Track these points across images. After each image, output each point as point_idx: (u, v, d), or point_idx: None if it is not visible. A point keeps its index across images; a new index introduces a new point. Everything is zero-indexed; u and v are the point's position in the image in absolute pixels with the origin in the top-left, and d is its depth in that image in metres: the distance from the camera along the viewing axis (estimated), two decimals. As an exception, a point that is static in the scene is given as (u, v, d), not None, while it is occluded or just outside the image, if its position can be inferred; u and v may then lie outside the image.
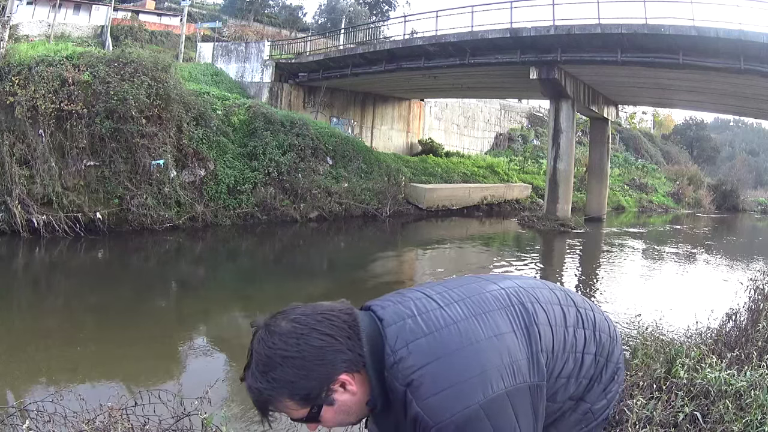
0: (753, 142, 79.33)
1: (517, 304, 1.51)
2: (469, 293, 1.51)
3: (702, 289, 10.47)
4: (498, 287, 1.56)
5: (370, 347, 1.36)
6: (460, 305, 1.46)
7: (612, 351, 1.64)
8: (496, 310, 1.47)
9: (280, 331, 1.32)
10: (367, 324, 1.40)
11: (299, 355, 1.29)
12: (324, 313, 1.36)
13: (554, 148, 20.17)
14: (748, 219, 35.50)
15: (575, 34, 17.08)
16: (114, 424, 2.85)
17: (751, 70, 15.20)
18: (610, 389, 1.64)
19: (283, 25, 43.85)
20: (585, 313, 1.63)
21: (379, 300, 1.52)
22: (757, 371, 3.09)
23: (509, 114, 40.00)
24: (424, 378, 1.31)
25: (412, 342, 1.35)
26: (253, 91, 24.55)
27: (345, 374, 1.33)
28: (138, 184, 13.93)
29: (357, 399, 1.37)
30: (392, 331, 1.38)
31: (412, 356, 1.33)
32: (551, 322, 1.53)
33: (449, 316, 1.42)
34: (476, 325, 1.41)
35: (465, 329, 1.40)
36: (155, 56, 16.06)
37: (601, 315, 1.68)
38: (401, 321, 1.40)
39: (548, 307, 1.56)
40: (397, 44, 21.44)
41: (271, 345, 1.31)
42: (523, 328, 1.47)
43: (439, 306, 1.45)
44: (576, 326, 1.58)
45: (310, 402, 1.33)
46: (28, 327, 7.19)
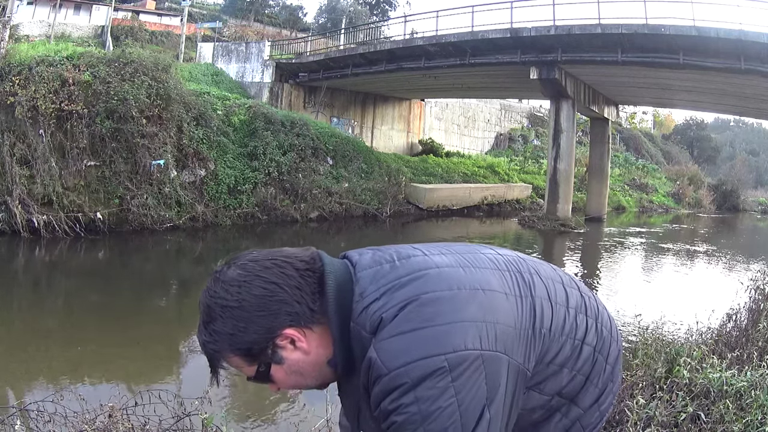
0: (753, 142, 79.29)
1: (515, 272, 1.31)
2: (459, 251, 1.33)
3: (702, 289, 10.46)
4: (494, 252, 1.38)
5: (337, 295, 1.19)
6: (447, 256, 1.27)
7: (610, 350, 1.41)
8: (488, 269, 1.28)
9: (224, 279, 1.17)
10: (337, 271, 1.22)
11: (238, 305, 1.14)
12: (276, 259, 1.19)
13: (555, 148, 20.17)
14: (749, 219, 35.49)
15: (575, 34, 17.08)
16: (114, 424, 2.85)
17: (752, 70, 15.19)
18: (604, 400, 1.40)
19: (283, 25, 43.83)
20: (588, 301, 1.41)
21: (361, 249, 1.35)
22: (758, 371, 3.09)
23: (510, 114, 40.00)
24: (389, 318, 1.13)
25: (384, 286, 1.18)
26: (253, 91, 24.55)
27: (292, 329, 1.16)
28: (138, 184, 13.93)
29: (311, 359, 1.20)
30: (366, 275, 1.21)
31: (383, 298, 1.16)
32: (551, 298, 1.32)
33: (433, 262, 1.23)
34: (462, 274, 1.22)
35: (448, 274, 1.21)
36: (155, 56, 16.07)
37: (604, 308, 1.46)
38: (378, 266, 1.23)
39: (549, 282, 1.35)
40: (398, 44, 21.44)
41: (212, 294, 1.17)
42: (517, 294, 1.26)
43: (424, 254, 1.27)
44: (578, 310, 1.36)
45: (255, 358, 1.18)
46: (29, 327, 7.19)
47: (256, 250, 1.25)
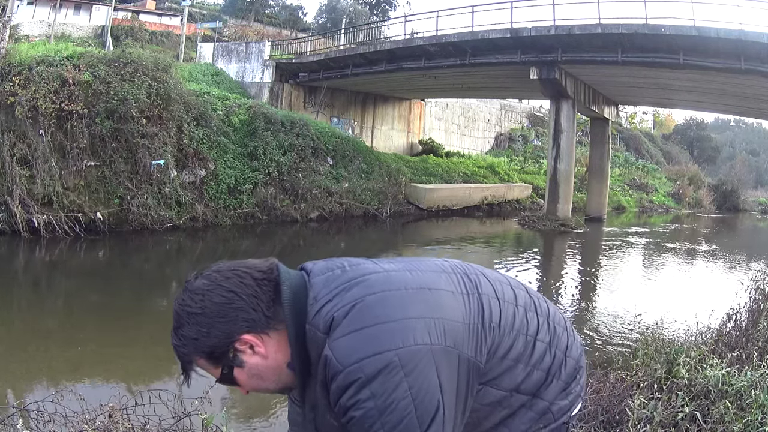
0: (753, 142, 79.27)
1: (461, 274, 1.40)
2: (406, 260, 1.43)
3: (702, 289, 10.46)
4: (440, 260, 1.46)
5: (292, 301, 1.27)
6: (395, 264, 1.37)
7: (571, 346, 1.47)
8: (434, 272, 1.37)
9: (191, 288, 1.27)
10: (292, 279, 1.31)
11: (201, 312, 1.23)
12: (236, 269, 1.28)
13: (555, 148, 20.17)
14: (749, 219, 35.49)
15: (576, 34, 17.08)
16: (114, 424, 2.85)
17: (752, 70, 15.19)
18: (572, 389, 1.46)
19: (283, 25, 43.81)
20: (538, 301, 1.49)
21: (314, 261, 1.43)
22: (758, 371, 3.10)
23: (510, 114, 40.00)
24: (341, 318, 1.21)
25: (335, 288, 1.26)
26: (253, 91, 24.55)
27: (249, 334, 1.24)
28: (138, 184, 13.93)
29: (270, 364, 1.28)
30: (318, 280, 1.30)
31: (335, 299, 1.24)
32: (499, 296, 1.40)
33: (381, 267, 1.34)
34: (408, 276, 1.31)
35: (395, 276, 1.30)
36: (156, 56, 16.07)
37: (555, 308, 1.54)
38: (329, 272, 1.32)
39: (496, 283, 1.43)
40: (398, 44, 21.44)
41: (181, 302, 1.27)
42: (464, 293, 1.34)
43: (373, 262, 1.38)
44: (527, 308, 1.43)
45: (219, 361, 1.27)
46: (29, 327, 7.19)
47: (223, 261, 1.34)
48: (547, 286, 11.47)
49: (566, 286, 11.92)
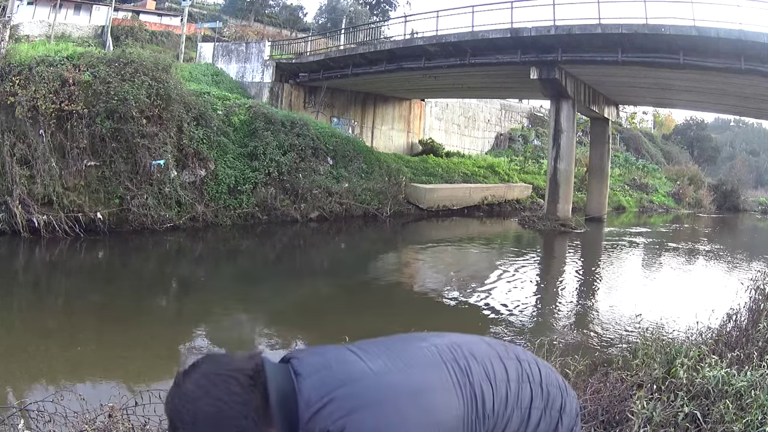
0: (753, 142, 79.24)
1: (450, 361, 1.42)
2: (395, 349, 1.42)
3: (702, 289, 10.46)
4: (427, 344, 1.47)
5: (281, 404, 1.28)
6: (383, 359, 1.37)
7: (565, 404, 1.54)
8: (423, 366, 1.38)
9: (181, 393, 1.30)
10: (280, 380, 1.32)
11: (193, 421, 1.26)
12: (223, 375, 1.29)
13: (555, 148, 20.17)
14: (749, 219, 35.48)
15: (576, 34, 17.07)
16: (115, 424, 2.85)
17: (752, 70, 15.18)
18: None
19: (283, 25, 43.81)
20: (529, 367, 1.54)
21: (300, 351, 1.45)
22: (758, 371, 3.09)
23: (510, 114, 39.99)
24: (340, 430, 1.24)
25: (327, 395, 1.28)
26: (253, 91, 24.55)
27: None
28: (138, 184, 13.93)
29: None
30: (307, 384, 1.31)
31: (326, 409, 1.26)
32: (490, 378, 1.44)
33: (369, 368, 1.34)
34: (400, 377, 1.33)
35: (386, 382, 1.31)
36: (156, 56, 16.07)
37: (546, 368, 1.60)
38: (316, 374, 1.32)
39: (486, 361, 1.46)
40: (398, 44, 21.43)
41: (172, 407, 1.31)
42: (456, 385, 1.37)
43: (360, 359, 1.37)
44: (520, 381, 1.49)
45: None
46: (29, 327, 7.19)
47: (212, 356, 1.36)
48: (548, 287, 11.48)
49: (566, 286, 11.92)
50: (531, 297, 10.24)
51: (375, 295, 9.92)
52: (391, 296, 10.02)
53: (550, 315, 8.80)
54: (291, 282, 10.72)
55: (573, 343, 6.56)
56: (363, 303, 9.29)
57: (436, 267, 13.67)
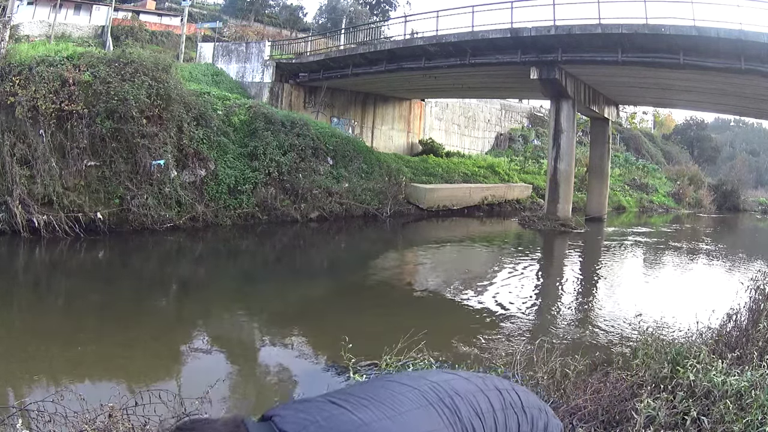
0: (753, 142, 79.25)
1: (436, 402, 1.41)
2: (380, 397, 1.39)
3: (703, 289, 10.46)
4: (410, 387, 1.45)
5: None
6: (370, 408, 1.34)
7: (547, 424, 1.57)
8: (413, 410, 1.36)
9: None
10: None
11: None
12: None
13: (555, 148, 20.16)
14: (749, 219, 35.48)
15: (576, 34, 17.07)
16: (115, 424, 2.85)
17: (752, 70, 15.18)
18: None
19: (283, 25, 43.81)
20: (509, 395, 1.55)
21: (281, 408, 1.40)
22: (758, 371, 3.09)
23: (510, 114, 39.99)
24: None
25: None
26: (253, 91, 24.54)
27: None
28: (138, 184, 13.93)
29: None
30: None
31: None
32: (477, 412, 1.44)
33: (359, 419, 1.30)
34: (390, 426, 1.30)
35: (379, 430, 1.28)
36: (156, 56, 16.07)
37: (525, 392, 1.62)
38: (303, 430, 1.28)
39: (470, 397, 1.47)
40: (398, 44, 21.43)
41: None
42: (447, 425, 1.37)
43: (347, 410, 1.33)
44: (504, 409, 1.50)
45: None
46: (29, 327, 7.19)
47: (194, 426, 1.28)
48: (548, 287, 11.48)
49: (566, 286, 11.92)
50: (531, 297, 10.23)
51: (375, 295, 9.92)
52: (392, 296, 10.02)
53: (551, 315, 8.80)
54: (291, 282, 10.71)
55: (573, 343, 6.56)
56: (363, 303, 9.28)
57: (436, 267, 13.67)
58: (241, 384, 5.61)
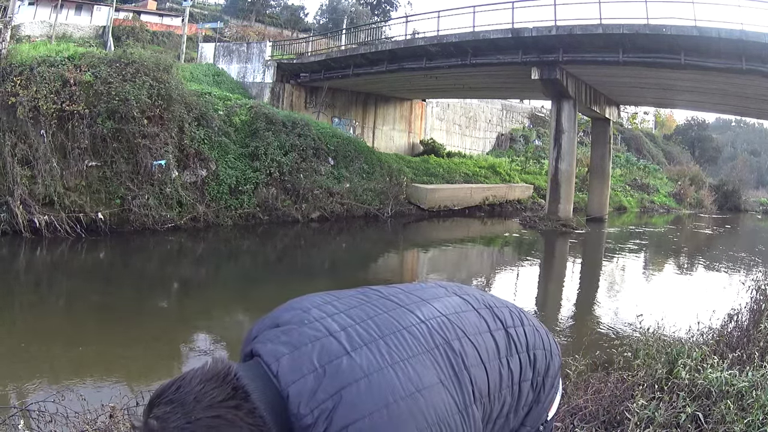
0: (755, 142, 79.20)
1: (443, 344, 1.30)
2: (382, 331, 1.28)
3: (704, 289, 10.45)
4: (417, 320, 1.33)
5: (274, 417, 1.15)
6: (371, 349, 1.23)
7: (549, 366, 1.47)
8: (417, 356, 1.25)
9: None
10: (262, 388, 1.17)
11: None
12: (202, 419, 1.11)
13: (556, 148, 20.15)
14: (750, 219, 35.45)
15: (577, 34, 17.06)
16: (116, 424, 2.85)
17: (753, 70, 15.17)
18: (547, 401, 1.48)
19: (284, 25, 43.86)
20: (516, 333, 1.45)
21: (271, 340, 1.28)
22: (759, 371, 3.09)
23: (511, 114, 39.98)
24: None
25: (317, 407, 1.14)
26: (254, 91, 24.56)
27: None
28: (139, 184, 13.94)
29: None
30: (294, 392, 1.17)
31: (319, 424, 1.13)
32: (483, 359, 1.34)
33: (359, 366, 1.19)
34: (393, 377, 1.19)
35: (379, 384, 1.18)
36: (157, 57, 16.08)
37: (531, 328, 1.51)
38: (302, 378, 1.18)
39: (477, 338, 1.36)
40: (399, 44, 21.43)
41: None
42: (452, 375, 1.26)
43: (346, 352, 1.22)
44: (509, 354, 1.40)
45: None
46: (30, 327, 7.20)
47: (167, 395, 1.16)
48: (549, 287, 11.48)
49: (567, 286, 11.92)
50: (532, 297, 10.23)
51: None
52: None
53: (551, 314, 8.80)
54: (292, 282, 10.71)
55: (573, 343, 6.55)
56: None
57: (437, 267, 13.67)
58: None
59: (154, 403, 1.16)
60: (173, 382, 1.17)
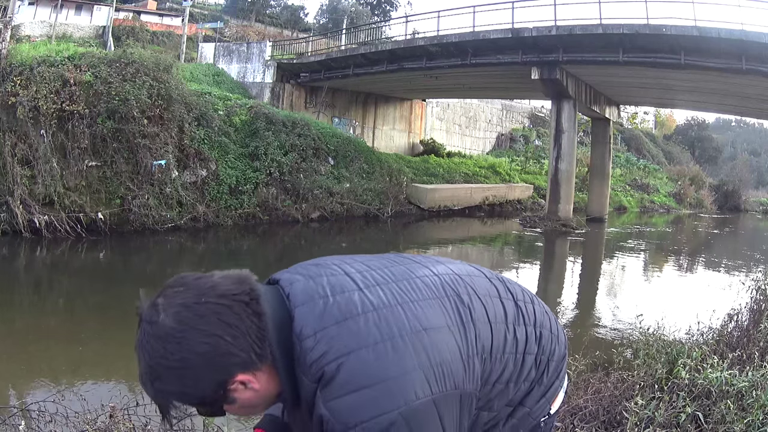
0: (755, 142, 79.28)
1: (453, 295, 1.29)
2: (395, 276, 1.29)
3: (704, 289, 10.45)
4: (430, 272, 1.34)
5: (278, 334, 1.15)
6: (383, 289, 1.24)
7: (554, 350, 1.43)
8: (427, 300, 1.25)
9: (159, 333, 1.14)
10: (274, 305, 1.17)
11: (183, 365, 1.09)
12: (211, 303, 1.13)
13: (556, 148, 20.16)
14: (750, 219, 35.45)
15: (577, 34, 17.06)
16: (116, 424, 2.85)
17: (753, 70, 15.17)
18: (553, 394, 1.44)
19: (284, 25, 43.88)
20: (525, 308, 1.42)
21: (290, 271, 1.30)
22: (759, 371, 3.09)
23: (511, 114, 39.98)
24: (332, 374, 1.10)
25: (321, 330, 1.14)
26: (254, 91, 24.56)
27: (242, 374, 1.13)
28: (139, 184, 13.94)
29: (262, 394, 1.18)
30: (300, 313, 1.17)
31: (320, 347, 1.12)
32: (490, 318, 1.32)
33: (369, 301, 1.19)
34: (401, 314, 1.19)
35: (386, 318, 1.17)
36: (157, 56, 16.09)
37: (541, 308, 1.47)
38: (311, 302, 1.18)
39: (487, 300, 1.35)
40: (399, 44, 21.43)
41: (150, 351, 1.15)
42: (458, 323, 1.25)
43: (358, 288, 1.22)
44: (516, 323, 1.37)
45: (207, 405, 1.16)
46: (30, 327, 7.20)
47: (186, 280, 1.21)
48: (549, 287, 11.48)
49: (567, 286, 11.92)
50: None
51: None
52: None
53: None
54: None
55: (573, 343, 6.55)
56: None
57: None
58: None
59: (168, 285, 1.22)
60: (195, 273, 1.22)
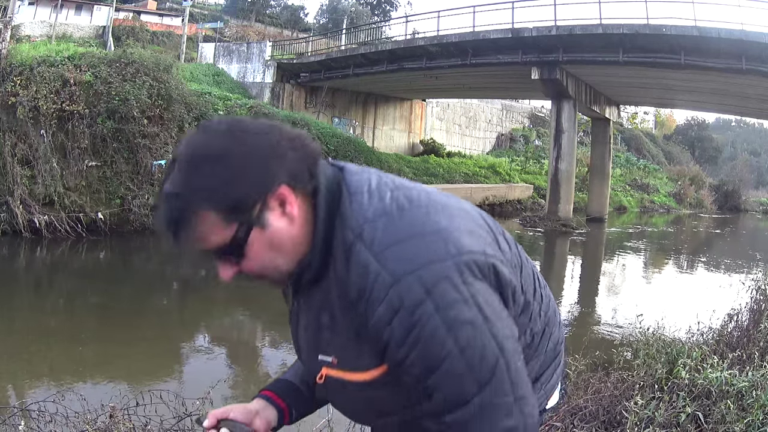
0: (755, 142, 79.28)
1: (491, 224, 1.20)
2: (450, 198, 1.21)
3: (704, 289, 10.44)
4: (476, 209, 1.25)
5: (327, 188, 1.07)
6: (440, 196, 1.17)
7: (555, 331, 1.37)
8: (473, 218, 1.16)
9: (213, 129, 1.02)
10: (331, 176, 1.10)
11: (230, 154, 0.97)
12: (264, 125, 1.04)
13: (556, 148, 20.16)
14: (750, 219, 35.46)
15: (577, 34, 17.07)
16: (116, 425, 2.85)
17: (753, 70, 15.18)
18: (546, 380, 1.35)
19: (284, 25, 43.86)
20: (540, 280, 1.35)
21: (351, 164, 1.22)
22: (759, 371, 3.09)
23: (511, 114, 39.99)
24: (379, 229, 1.01)
25: (373, 189, 1.08)
26: (254, 91, 24.56)
27: (286, 187, 1.00)
28: (140, 184, 13.94)
29: (293, 233, 1.04)
30: (354, 178, 1.10)
31: (371, 203, 1.05)
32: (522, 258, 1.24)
33: (426, 200, 1.10)
34: (446, 197, 1.15)
35: (434, 193, 1.14)
36: (157, 56, 16.08)
37: (549, 294, 1.39)
38: (365, 173, 1.14)
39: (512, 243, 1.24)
40: (399, 44, 21.45)
41: (195, 143, 1.01)
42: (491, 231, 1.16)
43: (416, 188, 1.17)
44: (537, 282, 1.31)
45: (238, 216, 0.98)
46: (30, 327, 7.20)
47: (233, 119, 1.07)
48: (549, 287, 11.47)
49: (567, 285, 11.92)
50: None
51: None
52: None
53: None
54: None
55: (573, 343, 6.55)
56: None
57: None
58: (242, 384, 5.61)
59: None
60: None
